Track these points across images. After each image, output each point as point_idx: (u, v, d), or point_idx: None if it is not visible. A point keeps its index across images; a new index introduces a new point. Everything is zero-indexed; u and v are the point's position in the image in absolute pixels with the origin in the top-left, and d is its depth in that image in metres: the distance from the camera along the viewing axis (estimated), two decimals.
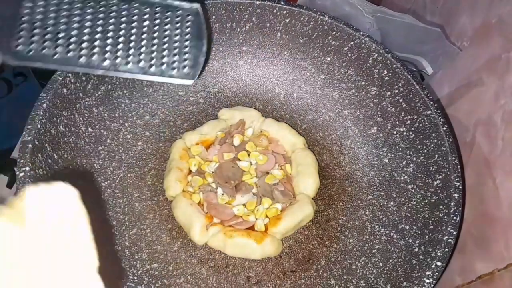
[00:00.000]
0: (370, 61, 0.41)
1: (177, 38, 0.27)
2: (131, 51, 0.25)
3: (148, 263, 0.36)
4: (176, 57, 0.27)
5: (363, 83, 0.43)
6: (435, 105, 0.38)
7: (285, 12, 0.42)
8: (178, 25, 0.28)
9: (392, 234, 0.37)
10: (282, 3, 0.42)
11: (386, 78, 0.41)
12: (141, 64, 0.25)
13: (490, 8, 0.38)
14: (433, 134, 0.37)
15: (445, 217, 0.33)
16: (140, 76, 0.25)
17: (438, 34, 0.44)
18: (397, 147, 0.40)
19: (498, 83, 0.35)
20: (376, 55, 0.40)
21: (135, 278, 0.34)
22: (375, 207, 0.40)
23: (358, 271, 0.36)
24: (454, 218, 0.32)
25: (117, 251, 0.35)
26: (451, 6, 0.45)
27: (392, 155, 0.41)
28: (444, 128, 0.36)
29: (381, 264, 0.36)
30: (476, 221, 0.35)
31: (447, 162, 0.35)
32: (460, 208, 0.33)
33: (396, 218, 0.38)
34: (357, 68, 0.42)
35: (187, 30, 0.28)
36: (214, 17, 0.42)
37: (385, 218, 0.38)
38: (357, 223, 0.39)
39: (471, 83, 0.40)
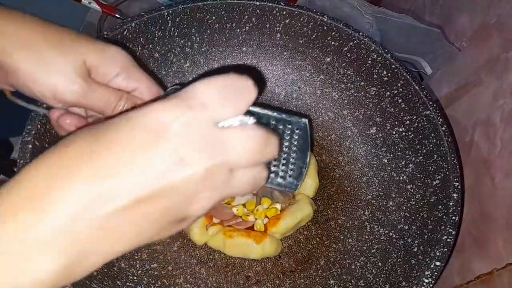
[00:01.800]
0: (369, 62, 0.41)
1: (285, 149, 0.31)
2: None
3: (148, 263, 0.36)
4: (283, 167, 0.31)
5: (363, 83, 0.43)
6: (434, 105, 0.38)
7: (284, 12, 0.42)
8: (287, 138, 0.31)
9: (391, 234, 0.37)
10: (281, 3, 0.42)
11: (385, 78, 0.41)
12: None
13: (489, 8, 0.38)
14: (432, 134, 0.37)
15: (444, 217, 0.33)
16: None
17: (437, 35, 0.44)
18: (396, 147, 0.40)
19: (497, 83, 0.35)
20: (375, 55, 0.40)
21: (135, 278, 0.34)
22: (374, 207, 0.40)
23: (357, 271, 0.36)
24: (453, 218, 0.32)
25: None
26: (450, 6, 0.45)
27: (391, 155, 0.41)
28: (443, 128, 0.36)
29: (380, 264, 0.36)
30: (474, 221, 0.35)
31: (446, 162, 0.35)
32: (459, 208, 0.33)
33: (395, 218, 0.38)
34: (357, 69, 0.42)
35: (294, 142, 0.32)
36: (214, 17, 0.42)
37: (384, 218, 0.38)
38: (356, 223, 0.39)
39: (470, 83, 0.40)
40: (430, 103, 0.38)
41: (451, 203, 0.33)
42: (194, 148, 0.17)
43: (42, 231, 0.15)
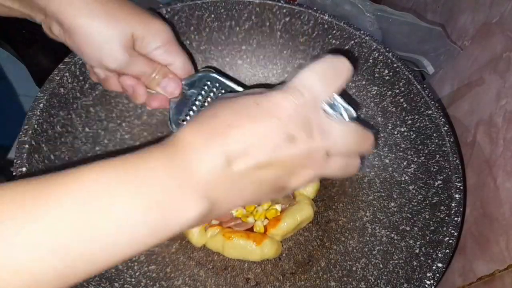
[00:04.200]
0: (370, 61, 0.41)
1: None
2: None
3: (146, 265, 0.35)
4: None
5: (364, 82, 0.42)
6: (436, 105, 0.37)
7: (284, 10, 0.41)
8: None
9: (392, 235, 0.37)
10: (281, 1, 0.41)
11: (387, 77, 0.40)
12: None
13: (491, 7, 0.38)
14: (434, 134, 0.36)
15: (446, 218, 0.33)
16: None
17: (439, 33, 0.44)
18: (398, 147, 0.40)
19: (499, 83, 0.35)
20: (376, 54, 0.40)
21: (133, 280, 0.34)
22: (375, 208, 0.39)
23: (359, 272, 0.36)
24: (455, 219, 0.32)
25: None
26: (452, 5, 0.45)
27: (393, 156, 0.40)
28: (445, 128, 0.36)
29: (381, 266, 0.35)
30: (476, 222, 0.35)
31: (448, 162, 0.35)
32: (461, 209, 0.33)
33: (397, 219, 0.37)
34: (358, 68, 0.42)
35: None
36: (213, 16, 0.41)
37: (386, 219, 0.38)
38: (357, 224, 0.39)
39: (472, 82, 0.40)
40: (432, 102, 0.37)
41: (453, 204, 0.33)
42: (302, 129, 0.21)
43: (196, 177, 0.19)
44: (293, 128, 0.21)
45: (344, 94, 0.24)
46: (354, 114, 0.24)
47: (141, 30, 0.28)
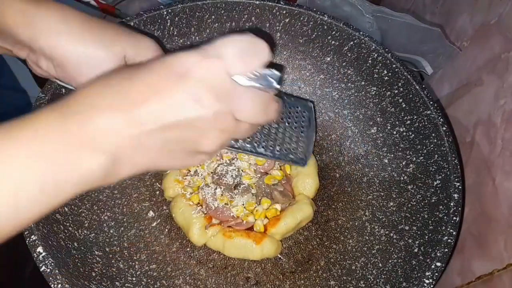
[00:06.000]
0: (369, 61, 0.41)
1: (295, 129, 0.36)
2: (264, 139, 0.33)
3: (147, 264, 0.36)
4: (293, 145, 0.35)
5: (363, 83, 0.42)
6: (435, 105, 0.37)
7: (284, 12, 0.42)
8: (296, 119, 0.37)
9: (391, 234, 0.37)
10: (281, 3, 0.41)
11: (386, 78, 0.40)
12: (270, 148, 0.34)
13: (490, 8, 0.38)
14: (433, 134, 0.37)
15: (445, 217, 0.33)
16: (269, 158, 0.34)
17: (438, 34, 0.44)
18: (397, 147, 0.40)
19: (498, 83, 0.35)
20: (375, 55, 0.40)
21: (134, 279, 0.34)
22: (374, 208, 0.40)
23: (358, 271, 0.36)
24: (454, 218, 0.32)
25: (116, 251, 0.35)
26: (450, 6, 0.45)
27: (392, 155, 0.40)
28: (444, 128, 0.36)
29: (380, 265, 0.35)
30: (475, 221, 0.35)
31: (446, 162, 0.35)
32: (459, 209, 0.33)
33: (396, 219, 0.38)
34: (357, 68, 0.42)
35: (303, 123, 0.37)
36: (213, 17, 0.42)
37: (385, 219, 0.38)
38: (356, 224, 0.39)
39: (470, 83, 0.40)
40: (431, 103, 0.37)
41: (451, 204, 0.33)
42: (210, 92, 0.21)
43: (92, 134, 0.20)
44: (201, 91, 0.21)
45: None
46: (276, 85, 0.23)
47: (131, 50, 0.28)
